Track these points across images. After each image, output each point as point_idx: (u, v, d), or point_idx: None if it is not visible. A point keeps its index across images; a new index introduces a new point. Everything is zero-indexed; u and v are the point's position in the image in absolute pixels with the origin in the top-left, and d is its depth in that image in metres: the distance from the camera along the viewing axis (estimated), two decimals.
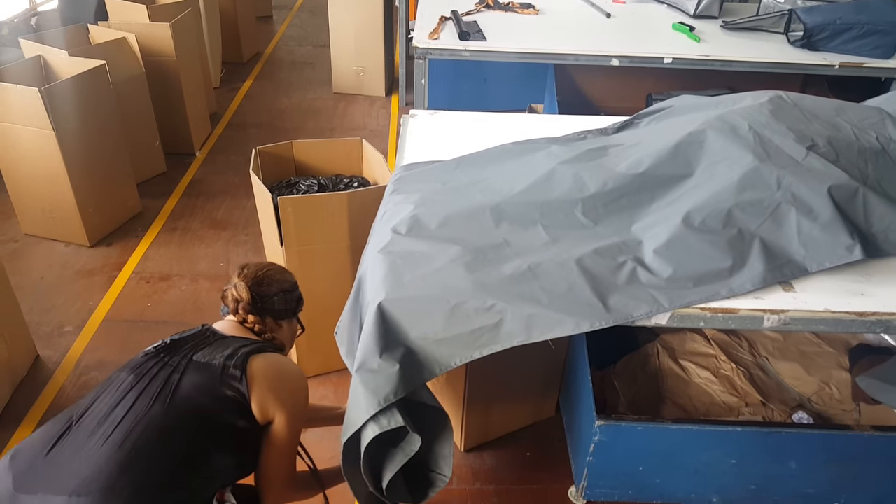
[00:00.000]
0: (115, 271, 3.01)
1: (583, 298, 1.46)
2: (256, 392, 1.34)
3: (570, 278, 1.50)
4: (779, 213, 1.63)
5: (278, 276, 1.58)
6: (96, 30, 3.49)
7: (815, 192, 1.65)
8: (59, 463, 1.21)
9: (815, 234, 1.61)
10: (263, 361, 1.38)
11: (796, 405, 2.25)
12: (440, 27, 3.18)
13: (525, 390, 2.24)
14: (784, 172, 1.69)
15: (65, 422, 1.27)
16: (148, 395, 1.28)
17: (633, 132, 2.10)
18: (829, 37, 3.21)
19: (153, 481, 1.21)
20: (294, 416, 1.40)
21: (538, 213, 1.68)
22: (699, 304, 1.50)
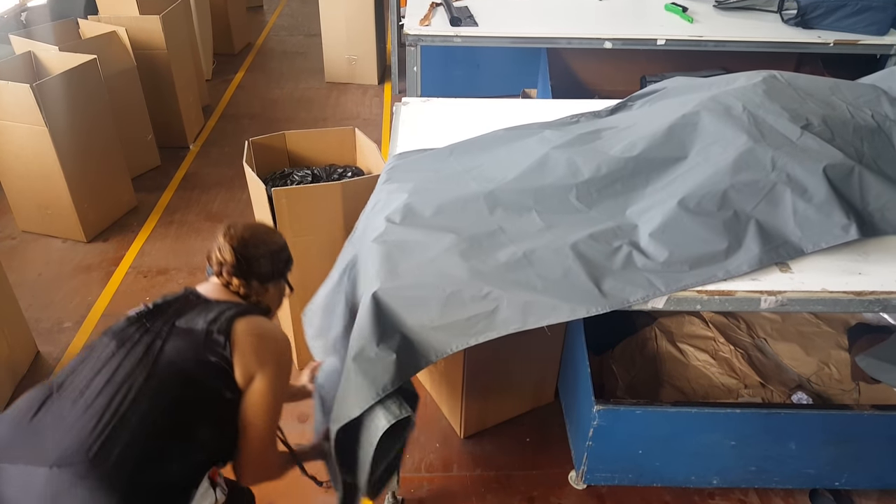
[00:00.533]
0: (113, 266, 3.01)
1: (578, 284, 1.46)
2: (239, 355, 1.28)
3: (565, 264, 1.50)
4: (774, 194, 1.63)
5: (266, 236, 1.48)
6: (86, 24, 3.46)
7: (809, 172, 1.64)
8: (40, 432, 1.17)
9: (810, 214, 1.61)
10: (247, 325, 1.32)
11: (795, 386, 2.26)
12: (431, 13, 3.16)
13: (523, 376, 2.25)
14: (779, 153, 1.68)
15: (46, 390, 1.22)
16: (130, 362, 1.23)
17: (626, 115, 2.09)
18: (823, 14, 3.19)
19: (134, 453, 1.16)
20: (276, 378, 1.32)
21: (532, 200, 1.68)
22: (695, 286, 1.50)
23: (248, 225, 1.48)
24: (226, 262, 1.40)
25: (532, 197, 1.69)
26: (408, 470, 2.14)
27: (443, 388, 2.28)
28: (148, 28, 3.51)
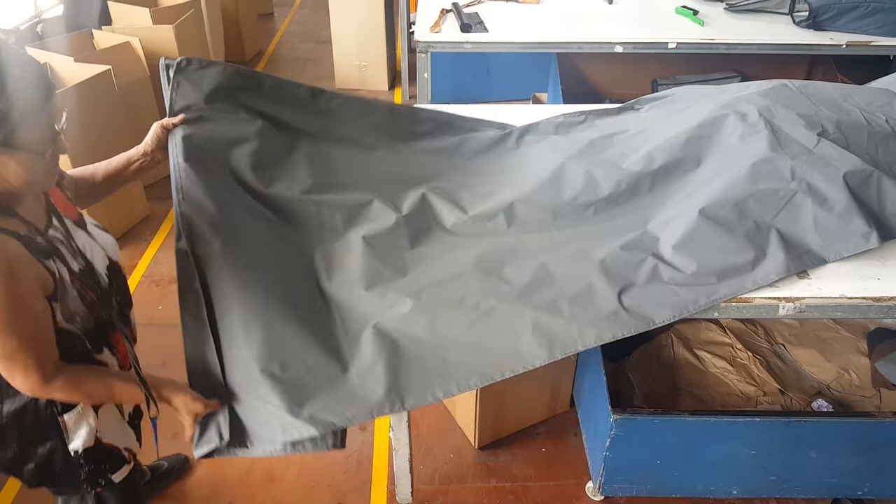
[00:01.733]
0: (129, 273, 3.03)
1: (603, 304, 1.43)
2: None
3: (588, 280, 1.47)
4: (794, 204, 1.61)
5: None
6: (101, 35, 3.49)
7: (830, 180, 1.62)
8: None
9: (831, 223, 1.59)
10: None
11: (815, 393, 2.22)
12: (441, 20, 3.16)
13: (538, 384, 2.23)
14: (797, 161, 1.66)
15: None
16: None
17: (636, 117, 2.07)
18: (835, 16, 3.16)
19: None
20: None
21: (551, 216, 1.67)
22: (725, 299, 1.48)
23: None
24: None
25: (551, 213, 1.68)
26: (421, 482, 2.12)
27: (456, 398, 2.27)
28: (161, 38, 3.53)
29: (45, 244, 1.19)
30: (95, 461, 1.35)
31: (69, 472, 1.33)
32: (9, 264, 1.08)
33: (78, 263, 1.25)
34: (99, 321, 1.29)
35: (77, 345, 1.25)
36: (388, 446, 2.21)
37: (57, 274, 1.18)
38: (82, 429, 1.30)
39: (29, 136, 1.06)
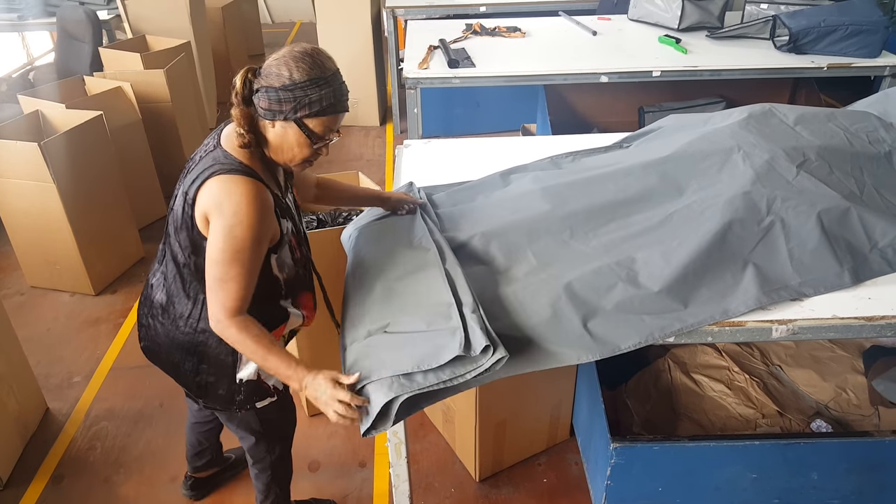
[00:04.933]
0: (121, 318, 3.02)
1: (569, 328, 1.42)
2: (198, 215, 1.37)
3: (556, 305, 1.47)
4: (770, 238, 1.62)
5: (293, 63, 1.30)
6: (92, 81, 3.53)
7: (804, 217, 1.64)
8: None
9: (805, 260, 1.59)
10: (208, 187, 1.33)
11: (814, 413, 2.22)
12: (429, 56, 3.22)
13: (537, 414, 2.22)
14: (774, 195, 1.68)
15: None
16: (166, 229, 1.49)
17: (621, 153, 2.10)
18: (815, 39, 3.23)
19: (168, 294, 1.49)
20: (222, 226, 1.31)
21: (526, 239, 1.67)
22: (691, 329, 1.47)
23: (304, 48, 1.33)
24: (234, 86, 1.34)
25: (526, 236, 1.67)
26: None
27: (455, 429, 2.26)
28: (153, 82, 3.58)
29: (285, 205, 1.49)
30: (249, 391, 1.55)
31: (229, 394, 1.54)
32: (264, 210, 1.34)
33: (295, 226, 1.54)
34: (297, 276, 1.56)
35: (276, 290, 1.50)
36: (388, 483, 2.19)
37: (284, 230, 1.46)
38: (251, 363, 1.50)
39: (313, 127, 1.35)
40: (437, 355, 1.26)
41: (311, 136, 1.35)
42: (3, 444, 2.25)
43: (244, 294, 1.35)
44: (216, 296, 1.34)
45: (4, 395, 2.28)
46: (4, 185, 2.91)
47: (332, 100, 1.33)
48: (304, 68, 1.30)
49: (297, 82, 1.29)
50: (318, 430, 2.41)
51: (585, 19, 3.82)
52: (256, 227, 1.32)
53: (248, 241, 1.32)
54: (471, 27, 3.62)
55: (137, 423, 2.47)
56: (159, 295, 1.53)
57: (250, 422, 1.65)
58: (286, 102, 1.30)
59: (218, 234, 1.32)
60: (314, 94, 1.30)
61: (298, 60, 1.30)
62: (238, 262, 1.32)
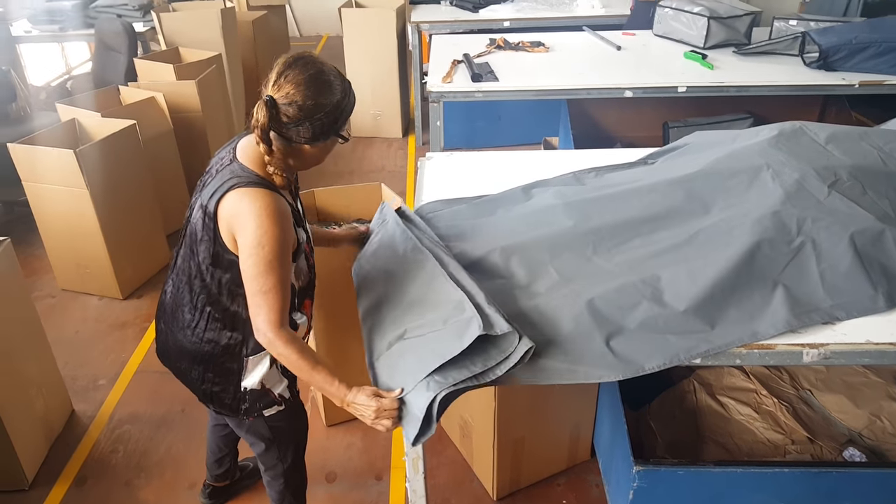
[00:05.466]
0: (147, 322, 3.08)
1: (592, 346, 1.40)
2: (223, 228, 1.41)
3: (578, 321, 1.45)
4: (800, 260, 1.58)
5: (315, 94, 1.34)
6: (126, 90, 3.63)
7: (836, 239, 1.60)
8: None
9: (837, 282, 1.54)
10: (230, 200, 1.38)
11: (846, 441, 2.13)
12: (453, 70, 3.24)
13: (557, 432, 2.19)
14: (805, 215, 1.64)
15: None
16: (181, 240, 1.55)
17: (646, 169, 2.08)
18: (846, 56, 3.18)
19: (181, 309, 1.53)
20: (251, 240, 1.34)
21: (548, 254, 1.65)
22: (718, 350, 1.44)
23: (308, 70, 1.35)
24: (258, 123, 1.36)
25: (548, 251, 1.66)
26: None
27: (473, 446, 2.24)
28: (184, 93, 3.66)
29: (298, 214, 1.53)
30: (254, 399, 1.58)
31: (234, 402, 1.58)
32: (284, 219, 1.39)
33: (307, 234, 1.58)
34: (310, 282, 1.61)
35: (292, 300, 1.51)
36: (405, 497, 2.18)
37: (300, 239, 1.50)
38: (256, 372, 1.55)
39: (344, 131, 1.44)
40: (460, 342, 1.26)
41: (343, 139, 1.45)
42: (29, 445, 2.30)
43: (283, 304, 1.38)
44: (260, 311, 1.37)
45: (33, 397, 2.33)
46: (40, 190, 3.00)
47: (352, 99, 1.43)
48: (335, 86, 1.37)
49: (335, 102, 1.37)
50: (335, 441, 2.43)
51: (610, 34, 3.82)
52: (281, 236, 1.36)
53: (276, 252, 1.36)
54: (494, 42, 3.64)
55: (160, 428, 2.51)
56: (170, 302, 1.59)
57: (259, 429, 1.68)
58: (332, 123, 1.39)
59: (248, 250, 1.36)
60: (347, 104, 1.40)
61: (329, 82, 1.36)
62: (272, 272, 1.36)
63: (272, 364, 1.57)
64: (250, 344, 1.52)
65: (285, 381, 1.63)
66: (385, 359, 1.39)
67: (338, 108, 1.37)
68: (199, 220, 1.44)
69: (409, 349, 1.36)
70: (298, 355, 1.38)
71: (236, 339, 1.52)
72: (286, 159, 1.43)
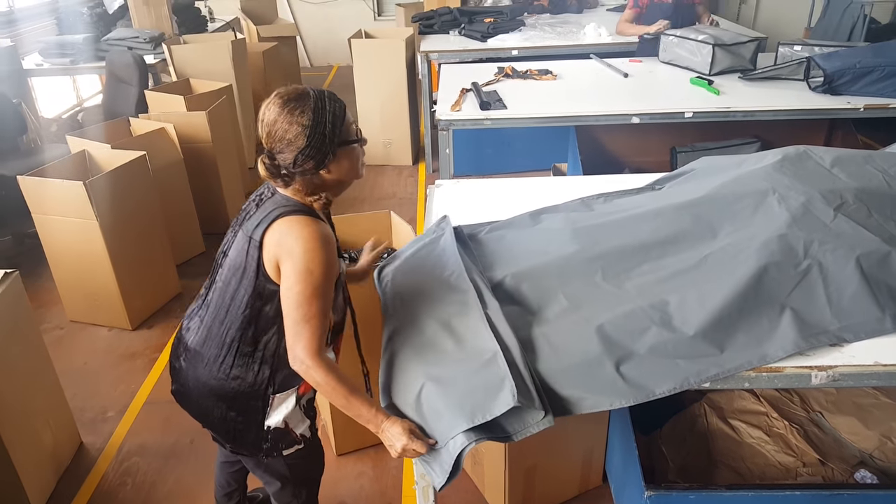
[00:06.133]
0: (156, 353, 3.07)
1: (601, 372, 1.40)
2: (267, 258, 1.40)
3: (587, 348, 1.45)
4: (807, 283, 1.58)
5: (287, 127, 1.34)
6: (137, 122, 3.67)
7: (842, 262, 1.60)
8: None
9: (845, 305, 1.55)
10: (276, 228, 1.38)
11: (857, 462, 2.13)
12: (462, 99, 3.28)
13: (568, 458, 2.17)
14: (811, 238, 1.65)
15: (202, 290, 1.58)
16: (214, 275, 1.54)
17: (653, 195, 2.09)
18: (851, 81, 3.20)
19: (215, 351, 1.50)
20: (295, 270, 1.34)
21: (557, 280, 1.66)
22: (728, 374, 1.44)
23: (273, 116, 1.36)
24: (265, 176, 1.41)
25: (557, 277, 1.66)
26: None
27: (484, 472, 2.22)
28: (195, 123, 3.71)
29: (338, 246, 1.51)
30: (276, 438, 1.57)
31: (256, 441, 1.56)
32: (330, 246, 1.39)
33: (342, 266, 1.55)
34: (342, 319, 1.61)
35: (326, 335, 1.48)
36: None
37: (341, 270, 1.50)
38: (280, 410, 1.53)
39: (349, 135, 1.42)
40: (489, 406, 1.27)
41: (356, 141, 1.44)
42: (37, 478, 2.28)
43: (323, 332, 1.38)
44: (300, 338, 1.36)
45: (40, 429, 2.32)
46: (50, 222, 3.02)
47: (335, 104, 1.39)
48: (301, 109, 1.35)
49: (311, 123, 1.34)
50: (346, 471, 2.40)
51: (617, 62, 3.86)
52: (327, 262, 1.36)
53: (322, 278, 1.35)
54: (503, 70, 3.68)
55: (168, 460, 2.49)
56: (194, 339, 1.56)
57: (277, 468, 1.66)
58: (322, 143, 1.36)
59: (294, 276, 1.35)
60: (326, 116, 1.36)
61: (292, 110, 1.35)
62: (317, 299, 1.35)
63: (297, 403, 1.56)
64: (277, 380, 1.50)
65: (308, 422, 1.62)
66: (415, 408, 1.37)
67: (317, 124, 1.35)
68: (243, 250, 1.43)
69: (439, 397, 1.34)
70: (337, 382, 1.36)
71: (264, 374, 1.50)
72: (317, 191, 1.44)
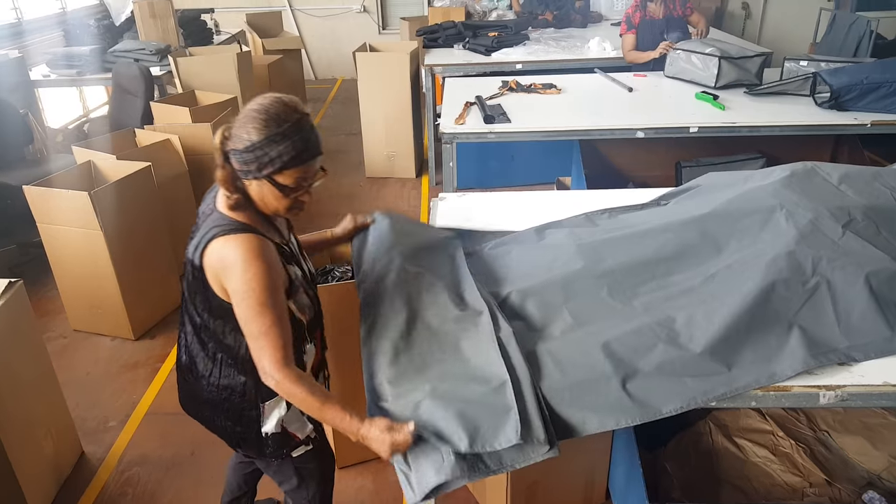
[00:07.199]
0: (159, 363, 3.06)
1: (608, 390, 1.38)
2: (210, 277, 1.41)
3: (594, 366, 1.43)
4: (815, 300, 1.57)
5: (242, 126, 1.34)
6: (142, 133, 3.68)
7: (851, 279, 1.58)
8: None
9: (853, 323, 1.53)
10: (211, 249, 1.38)
11: (865, 483, 2.10)
12: (465, 112, 3.28)
13: (571, 476, 2.15)
14: (820, 256, 1.63)
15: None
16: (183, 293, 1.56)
17: (659, 211, 2.08)
18: (858, 96, 3.19)
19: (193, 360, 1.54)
20: (241, 285, 1.34)
21: (562, 297, 1.64)
22: (736, 393, 1.42)
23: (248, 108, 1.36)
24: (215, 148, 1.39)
25: (562, 293, 1.65)
26: None
27: (486, 489, 2.19)
28: (199, 134, 3.71)
29: (288, 251, 1.52)
30: (276, 443, 1.58)
31: (259, 446, 1.58)
32: (269, 259, 1.38)
33: (303, 269, 1.57)
34: (316, 315, 1.61)
35: (300, 332, 1.52)
36: None
37: (293, 276, 1.49)
38: (273, 416, 1.54)
39: (284, 180, 1.37)
40: (491, 437, 1.26)
41: (283, 189, 1.37)
42: (38, 487, 2.27)
43: (284, 341, 1.38)
44: (262, 353, 1.37)
45: (42, 439, 2.31)
46: (55, 232, 3.02)
47: (294, 152, 1.33)
48: (258, 128, 1.32)
49: (255, 143, 1.32)
50: (346, 483, 2.38)
51: (621, 76, 3.86)
52: (268, 275, 1.36)
53: (266, 291, 1.35)
54: (507, 84, 3.69)
55: (169, 471, 2.47)
56: (184, 357, 1.60)
57: (289, 470, 1.68)
58: (251, 163, 1.34)
59: (239, 296, 1.36)
60: (273, 151, 1.32)
61: (254, 120, 1.32)
62: (266, 312, 1.35)
63: (289, 407, 1.56)
64: (263, 388, 1.50)
65: (310, 424, 1.64)
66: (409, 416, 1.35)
67: (257, 147, 1.32)
68: (190, 273, 1.46)
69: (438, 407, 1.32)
70: (307, 392, 1.36)
71: (249, 385, 1.52)
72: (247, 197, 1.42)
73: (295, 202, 1.42)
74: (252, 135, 1.32)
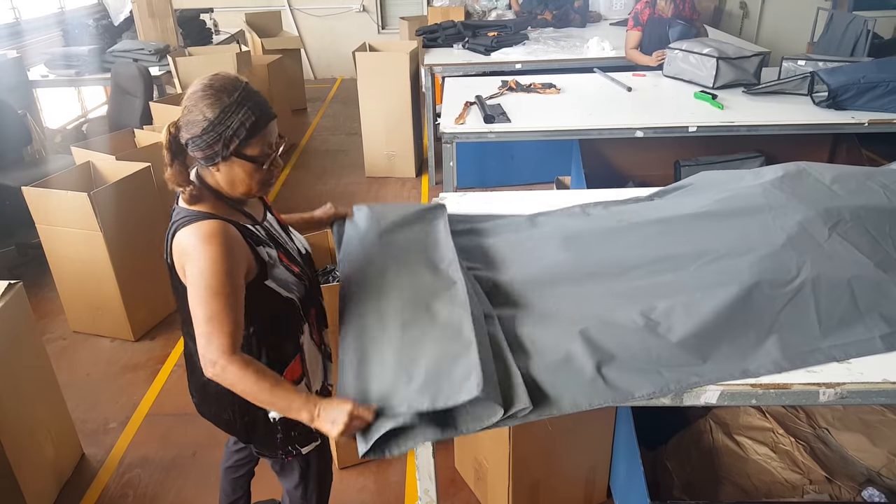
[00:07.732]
0: (159, 364, 3.06)
1: (582, 372, 1.40)
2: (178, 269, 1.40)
3: (570, 348, 1.45)
4: (798, 302, 1.57)
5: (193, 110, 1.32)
6: (142, 133, 3.68)
7: (834, 283, 1.60)
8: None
9: (834, 324, 1.54)
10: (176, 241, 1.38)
11: (865, 480, 2.11)
12: (465, 112, 3.28)
13: (572, 474, 2.15)
14: (805, 258, 1.64)
15: None
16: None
17: (651, 206, 2.09)
18: (855, 95, 3.20)
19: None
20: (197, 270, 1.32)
21: (548, 284, 1.66)
22: (709, 384, 1.43)
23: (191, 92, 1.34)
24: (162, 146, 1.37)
25: (548, 280, 1.67)
26: None
27: (487, 488, 2.20)
28: None
29: (261, 233, 1.48)
30: (288, 430, 1.57)
31: (268, 435, 1.57)
32: (229, 243, 1.34)
33: (286, 247, 1.54)
34: (307, 293, 1.56)
35: (294, 312, 1.52)
36: None
37: (267, 258, 1.44)
38: None
39: (252, 152, 1.35)
40: (452, 393, 1.25)
41: (254, 160, 1.36)
42: (38, 489, 2.27)
43: (233, 329, 1.32)
44: (208, 339, 1.31)
45: (42, 441, 2.31)
46: (54, 233, 3.02)
47: (254, 117, 1.33)
48: (211, 103, 1.31)
49: (213, 120, 1.31)
50: (347, 484, 2.38)
51: (620, 75, 3.86)
52: (223, 260, 1.32)
53: (219, 276, 1.31)
54: (506, 84, 3.69)
55: (170, 472, 2.47)
56: (187, 352, 1.61)
57: (295, 468, 1.70)
58: (215, 143, 1.32)
59: (191, 280, 1.33)
60: (234, 121, 1.31)
61: (204, 98, 1.31)
62: (216, 297, 1.31)
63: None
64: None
65: None
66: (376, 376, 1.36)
67: (217, 122, 1.30)
68: (168, 269, 1.47)
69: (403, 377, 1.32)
70: (256, 377, 1.31)
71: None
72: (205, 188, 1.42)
73: (267, 173, 1.40)
74: (207, 112, 1.30)
